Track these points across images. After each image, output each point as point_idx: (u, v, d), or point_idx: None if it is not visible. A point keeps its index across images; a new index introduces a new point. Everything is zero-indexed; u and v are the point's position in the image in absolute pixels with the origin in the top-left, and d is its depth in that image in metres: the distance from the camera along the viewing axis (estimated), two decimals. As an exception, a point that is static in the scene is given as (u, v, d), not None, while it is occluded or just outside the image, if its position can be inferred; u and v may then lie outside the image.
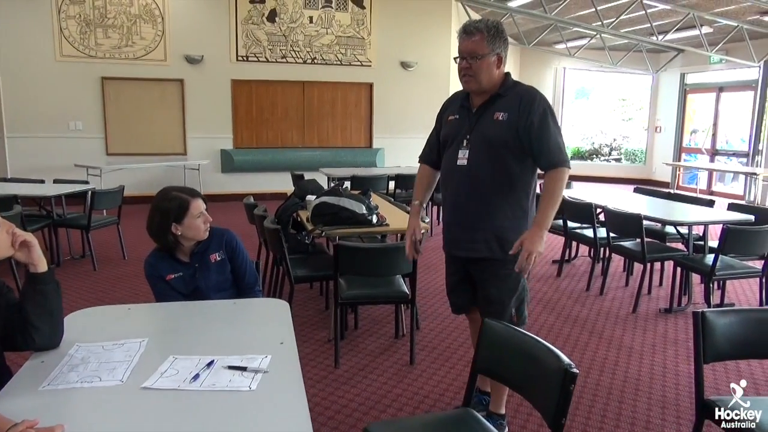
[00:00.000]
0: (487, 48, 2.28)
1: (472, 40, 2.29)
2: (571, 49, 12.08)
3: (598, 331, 4.00)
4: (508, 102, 2.32)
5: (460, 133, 2.40)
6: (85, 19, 8.76)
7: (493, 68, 2.31)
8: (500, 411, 2.61)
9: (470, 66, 2.29)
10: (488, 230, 2.37)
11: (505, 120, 2.30)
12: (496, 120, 2.31)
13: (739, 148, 11.50)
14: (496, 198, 2.35)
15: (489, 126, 2.33)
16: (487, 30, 2.28)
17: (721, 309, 2.18)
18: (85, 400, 1.42)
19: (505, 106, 2.32)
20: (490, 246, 2.38)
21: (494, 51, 2.29)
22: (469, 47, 2.29)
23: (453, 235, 2.50)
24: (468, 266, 2.51)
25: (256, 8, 9.51)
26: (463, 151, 2.37)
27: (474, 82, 2.32)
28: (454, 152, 2.41)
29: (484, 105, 2.37)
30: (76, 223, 5.59)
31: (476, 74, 2.30)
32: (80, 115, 8.92)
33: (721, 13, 9.14)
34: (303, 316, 4.12)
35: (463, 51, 2.32)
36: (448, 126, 2.48)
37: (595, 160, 14.41)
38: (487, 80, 2.32)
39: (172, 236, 2.32)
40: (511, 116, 2.29)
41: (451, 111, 2.50)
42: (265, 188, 9.51)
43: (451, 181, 2.45)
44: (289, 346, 1.72)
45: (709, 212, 4.80)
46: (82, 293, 4.70)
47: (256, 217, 4.27)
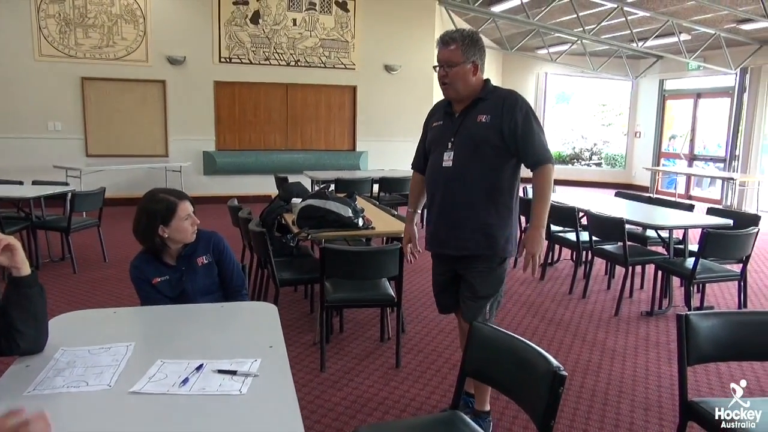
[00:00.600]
0: (462, 57, 2.37)
1: (448, 49, 2.39)
2: (553, 55, 12.20)
3: (581, 333, 4.04)
4: (490, 105, 2.41)
5: (445, 136, 2.49)
6: (64, 19, 8.64)
7: (469, 76, 2.40)
8: (485, 408, 2.66)
9: (447, 74, 2.40)
10: (476, 228, 2.45)
11: (488, 121, 2.39)
12: (479, 122, 2.40)
13: (716, 154, 11.71)
14: (482, 196, 2.43)
15: (472, 127, 2.41)
16: (462, 39, 2.38)
17: (704, 312, 2.21)
18: (72, 406, 1.40)
19: (488, 108, 2.41)
20: (478, 243, 2.46)
21: (469, 59, 2.38)
22: (446, 56, 2.40)
23: (441, 234, 2.55)
24: (455, 264, 2.57)
25: (239, 10, 9.47)
26: (448, 153, 2.45)
27: (451, 89, 2.43)
28: (440, 155, 2.49)
29: (466, 109, 2.46)
30: (55, 226, 5.50)
31: (452, 82, 2.40)
32: (59, 116, 8.79)
33: (698, 21, 9.32)
34: (288, 320, 4.10)
35: (440, 60, 2.42)
36: (433, 131, 2.58)
37: (576, 164, 14.57)
38: (464, 87, 2.42)
39: (159, 239, 2.30)
40: (494, 118, 2.38)
41: (436, 118, 2.60)
42: (247, 191, 9.45)
43: (438, 183, 2.52)
44: (278, 349, 1.71)
45: (689, 216, 4.88)
46: (62, 297, 4.62)
47: (240, 220, 4.24)
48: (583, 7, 8.99)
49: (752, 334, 2.12)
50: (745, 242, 4.06)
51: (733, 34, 9.75)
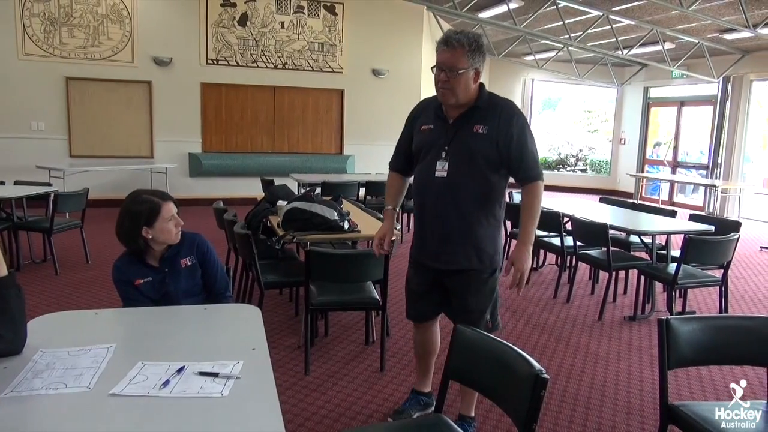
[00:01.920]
0: (467, 62, 2.25)
1: (452, 53, 2.25)
2: (540, 61, 12.31)
3: (565, 338, 4.07)
4: (486, 114, 2.33)
5: (437, 144, 2.38)
6: (49, 18, 8.56)
7: (470, 83, 2.30)
8: (470, 414, 2.66)
9: (448, 79, 2.26)
10: (468, 243, 2.39)
11: (486, 133, 2.30)
12: (476, 132, 2.32)
13: (699, 161, 11.87)
14: (476, 210, 2.37)
15: (469, 138, 2.33)
16: (469, 44, 2.25)
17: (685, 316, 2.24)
18: (50, 408, 1.38)
19: (484, 118, 2.32)
20: (470, 258, 2.41)
21: (473, 66, 2.27)
22: (449, 60, 2.26)
23: (431, 246, 2.47)
24: (442, 277, 2.50)
25: (227, 12, 9.44)
26: (442, 162, 2.35)
27: (451, 95, 2.30)
28: (431, 164, 2.38)
29: (462, 117, 2.35)
30: (37, 226, 5.43)
31: (454, 88, 2.27)
32: (43, 116, 8.69)
33: (682, 30, 9.45)
34: (272, 323, 4.08)
35: (442, 63, 2.28)
36: (423, 136, 2.45)
37: (561, 170, 14.68)
38: (464, 94, 2.31)
39: (142, 240, 2.27)
40: (491, 130, 2.30)
41: (424, 120, 2.46)
42: (233, 193, 9.40)
43: (429, 193, 2.42)
44: (261, 352, 1.70)
45: (671, 222, 4.94)
46: (43, 298, 4.56)
47: (225, 222, 4.22)
48: (570, 15, 9.08)
49: (732, 338, 2.14)
50: (726, 248, 4.11)
51: (716, 43, 9.90)
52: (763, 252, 7.45)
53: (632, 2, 8.17)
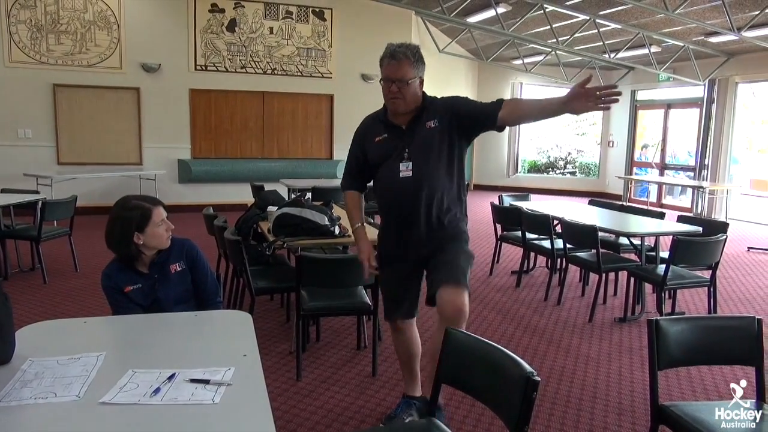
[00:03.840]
0: (413, 72, 2.45)
1: (399, 65, 2.44)
2: (528, 65, 12.39)
3: (556, 340, 4.08)
4: (432, 111, 2.54)
5: (396, 148, 2.54)
6: (36, 24, 8.51)
7: (418, 90, 2.51)
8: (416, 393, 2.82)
9: (399, 89, 2.45)
10: (447, 227, 2.58)
11: (437, 125, 2.52)
12: (429, 128, 2.52)
13: (686, 163, 11.98)
14: (445, 195, 2.55)
15: (425, 135, 2.52)
16: (413, 55, 2.45)
17: (674, 317, 2.26)
18: (39, 417, 1.37)
19: (432, 114, 2.53)
20: (452, 237, 2.60)
21: (418, 74, 2.48)
22: (398, 73, 2.44)
23: (412, 238, 2.59)
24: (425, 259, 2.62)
25: (215, 17, 9.43)
26: (405, 163, 2.52)
27: (403, 103, 2.48)
28: (394, 166, 2.53)
29: (414, 119, 2.54)
30: (25, 235, 5.38)
31: (405, 97, 2.46)
32: (30, 123, 8.63)
33: (668, 34, 9.55)
34: (264, 329, 4.07)
35: (391, 76, 2.45)
36: (378, 146, 2.59)
37: (550, 173, 14.76)
38: (413, 101, 2.51)
39: (134, 246, 2.26)
40: (440, 120, 2.51)
41: (374, 134, 2.61)
42: (223, 199, 9.37)
43: (396, 193, 2.56)
44: (252, 358, 1.70)
45: (660, 224, 4.97)
46: (31, 307, 4.52)
47: (216, 229, 4.20)
48: (557, 19, 9.16)
49: (720, 338, 2.17)
50: (714, 249, 4.15)
51: (701, 46, 10.02)
52: (751, 252, 7.52)
53: (618, 6, 8.25)
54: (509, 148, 13.94)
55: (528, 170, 14.68)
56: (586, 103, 2.21)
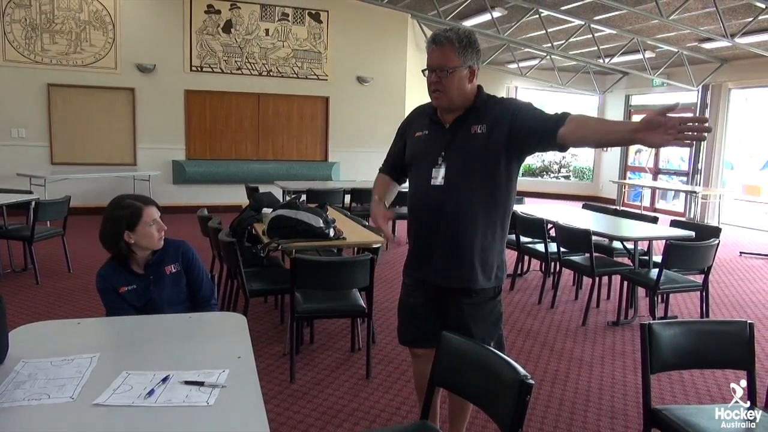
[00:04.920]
0: (458, 60, 2.05)
1: (441, 51, 2.06)
2: (523, 69, 12.44)
3: (549, 343, 4.09)
4: (484, 114, 2.13)
5: (433, 150, 2.17)
6: (30, 24, 8.47)
7: (465, 83, 2.10)
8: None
9: (440, 80, 2.07)
10: (471, 255, 2.14)
11: (484, 132, 2.09)
12: (474, 134, 2.11)
13: (679, 168, 12.04)
14: (478, 218, 2.13)
15: (467, 141, 2.11)
16: (459, 40, 2.05)
17: (666, 321, 2.27)
18: (33, 419, 1.36)
19: (483, 117, 2.12)
20: (473, 272, 2.16)
21: (466, 64, 2.07)
22: (439, 60, 2.06)
23: (429, 261, 2.21)
24: (443, 294, 2.25)
25: (211, 18, 9.42)
26: (437, 169, 2.14)
27: (444, 98, 2.11)
28: (427, 171, 2.16)
29: (459, 119, 2.15)
30: (17, 235, 5.35)
31: (447, 90, 2.08)
32: (24, 122, 8.59)
33: (662, 39, 9.61)
34: (258, 331, 4.06)
35: (432, 64, 2.09)
36: (416, 142, 2.24)
37: (545, 177, 14.81)
38: (459, 96, 2.10)
39: (125, 245, 2.26)
40: (490, 126, 2.09)
41: (417, 127, 2.26)
42: (217, 200, 9.35)
43: (426, 203, 2.19)
44: (246, 360, 1.70)
45: (653, 228, 5.00)
46: (24, 308, 4.50)
47: (210, 230, 4.20)
48: (552, 24, 9.20)
49: (712, 342, 2.18)
50: (706, 253, 4.18)
51: (695, 52, 10.08)
52: (743, 257, 7.57)
53: (613, 12, 8.30)
54: (504, 152, 13.96)
55: (522, 174, 14.60)
56: (664, 136, 1.69)
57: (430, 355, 2.25)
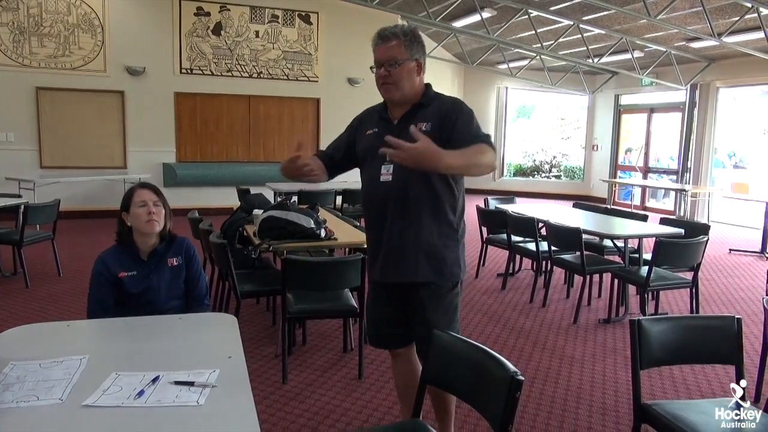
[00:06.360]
0: (406, 53, 2.13)
1: (388, 45, 2.14)
2: (513, 69, 12.48)
3: (541, 341, 4.11)
4: (431, 112, 2.16)
5: (382, 147, 2.11)
6: (18, 27, 8.42)
7: (413, 75, 2.17)
8: None
9: (389, 73, 2.14)
10: (420, 252, 2.16)
11: (428, 130, 2.09)
12: (419, 130, 2.03)
13: (669, 166, 12.13)
14: (425, 214, 2.15)
15: (413, 137, 2.04)
16: (404, 35, 2.14)
17: (656, 317, 2.29)
18: (21, 421, 1.35)
19: (428, 115, 2.15)
20: (425, 269, 2.17)
21: (413, 57, 2.15)
22: (387, 53, 2.14)
23: (381, 259, 2.23)
24: (403, 294, 2.26)
25: (200, 21, 9.39)
26: (386, 166, 2.15)
27: (395, 89, 2.16)
28: (376, 168, 2.18)
29: (406, 115, 2.18)
30: (7, 239, 5.31)
31: (396, 81, 2.14)
32: (12, 126, 8.53)
33: (651, 39, 9.68)
34: (249, 332, 4.05)
35: (380, 58, 2.16)
36: (366, 140, 2.27)
37: (536, 176, 14.87)
38: (409, 88, 2.17)
39: (126, 227, 2.41)
40: (434, 126, 2.12)
41: (368, 124, 2.30)
42: (208, 203, 9.32)
43: (375, 200, 2.22)
44: (237, 359, 1.70)
45: (643, 226, 5.03)
46: (13, 312, 4.46)
47: (201, 232, 4.19)
48: (542, 24, 9.24)
49: (701, 337, 2.20)
50: (696, 250, 4.21)
51: (683, 51, 10.16)
52: (732, 254, 7.63)
53: (602, 12, 8.35)
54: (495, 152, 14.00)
55: (514, 174, 14.76)
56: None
57: (409, 354, 2.36)
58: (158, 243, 2.45)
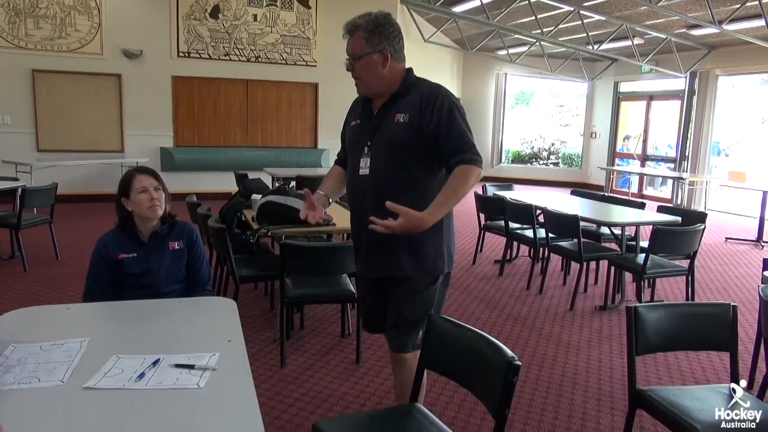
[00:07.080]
0: (366, 47, 2.04)
1: (351, 39, 2.08)
2: (512, 56, 12.42)
3: (537, 328, 4.14)
4: (409, 101, 2.07)
5: (362, 139, 2.15)
6: (14, 8, 8.33)
7: (377, 68, 2.06)
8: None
9: (354, 68, 2.09)
10: (396, 245, 2.08)
11: (406, 121, 2.04)
12: (397, 122, 2.06)
13: (667, 154, 12.13)
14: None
15: (390, 129, 2.08)
16: (366, 27, 2.05)
17: (652, 304, 2.30)
18: (23, 402, 1.36)
19: (406, 106, 2.07)
20: (399, 262, 2.11)
21: (375, 49, 2.04)
22: (349, 48, 2.09)
23: (362, 253, 2.21)
24: (384, 285, 2.23)
25: (198, 4, 9.31)
26: (365, 159, 2.12)
27: (362, 85, 2.12)
28: (356, 161, 2.16)
29: (384, 107, 2.12)
30: (4, 222, 5.30)
31: (360, 77, 2.09)
32: (8, 109, 8.47)
33: (651, 26, 9.63)
34: (248, 317, 4.07)
35: (347, 52, 2.11)
36: (351, 132, 2.25)
37: (534, 163, 14.86)
38: (376, 82, 2.09)
39: (126, 213, 2.40)
40: (412, 117, 2.04)
41: (353, 116, 2.26)
42: (206, 187, 9.31)
43: (356, 193, 2.19)
44: (237, 343, 1.71)
45: (640, 214, 5.05)
46: (11, 295, 4.47)
47: (199, 216, 4.18)
48: (542, 10, 9.18)
49: (697, 324, 2.22)
50: (692, 238, 4.23)
51: (683, 39, 10.11)
52: (728, 242, 7.66)
53: (602, -2, 8.30)
54: (493, 139, 14.00)
55: (512, 161, 14.76)
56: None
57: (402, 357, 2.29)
58: (159, 226, 2.45)
